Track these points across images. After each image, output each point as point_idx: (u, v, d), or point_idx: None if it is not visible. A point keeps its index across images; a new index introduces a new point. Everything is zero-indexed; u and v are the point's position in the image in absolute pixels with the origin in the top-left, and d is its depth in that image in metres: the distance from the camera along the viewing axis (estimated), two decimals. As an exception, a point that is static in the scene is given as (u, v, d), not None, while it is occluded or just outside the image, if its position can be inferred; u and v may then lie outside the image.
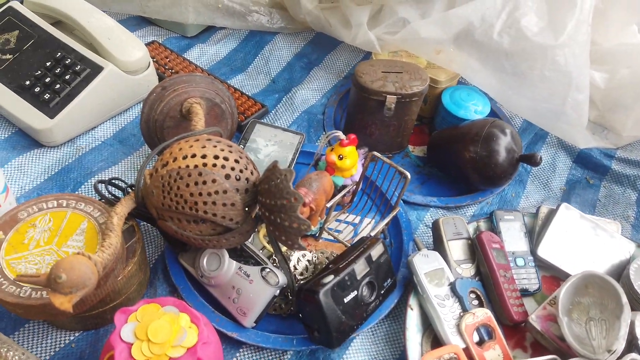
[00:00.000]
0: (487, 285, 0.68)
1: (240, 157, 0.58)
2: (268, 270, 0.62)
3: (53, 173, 0.78)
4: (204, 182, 0.54)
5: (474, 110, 0.87)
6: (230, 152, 0.58)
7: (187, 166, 0.55)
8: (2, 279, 0.53)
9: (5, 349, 0.55)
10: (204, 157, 0.56)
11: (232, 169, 0.57)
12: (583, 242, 0.74)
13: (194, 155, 0.56)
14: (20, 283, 0.52)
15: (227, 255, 0.63)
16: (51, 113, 0.79)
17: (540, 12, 0.83)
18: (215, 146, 0.58)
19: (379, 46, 0.92)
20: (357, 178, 0.75)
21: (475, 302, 0.66)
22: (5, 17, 0.88)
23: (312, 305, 0.57)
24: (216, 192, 0.55)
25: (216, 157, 0.56)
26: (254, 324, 0.62)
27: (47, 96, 0.80)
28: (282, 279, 0.62)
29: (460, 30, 0.85)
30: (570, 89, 0.84)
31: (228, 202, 0.55)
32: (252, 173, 0.59)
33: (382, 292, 0.64)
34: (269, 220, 0.55)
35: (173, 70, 0.96)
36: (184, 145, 0.58)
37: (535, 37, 0.83)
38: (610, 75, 0.96)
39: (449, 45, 0.87)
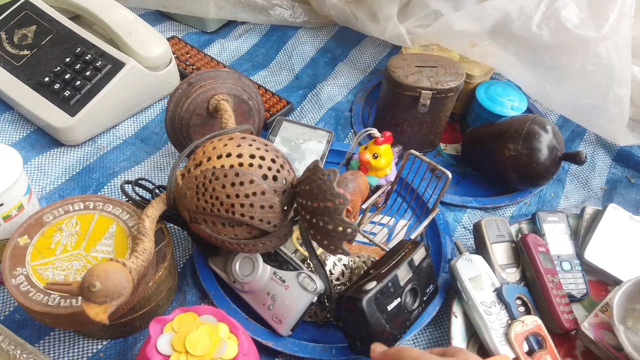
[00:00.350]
0: (534, 291, 0.64)
1: (277, 157, 0.55)
2: (305, 275, 0.59)
3: (74, 173, 0.75)
4: (241, 183, 0.51)
5: (511, 106, 0.83)
6: (267, 151, 0.54)
7: (223, 166, 0.52)
8: (29, 287, 0.50)
9: (31, 360, 0.52)
10: (239, 156, 0.53)
11: (269, 168, 0.53)
12: (633, 245, 0.70)
13: (229, 155, 0.53)
14: (48, 291, 0.49)
15: (261, 260, 0.60)
16: (72, 111, 0.76)
17: (580, 3, 0.79)
18: (250, 145, 0.54)
19: (409, 40, 0.88)
20: (391, 178, 0.72)
21: (522, 308, 0.63)
22: (22, 11, 0.85)
23: (354, 314, 0.54)
24: (254, 194, 0.51)
25: (252, 157, 0.53)
26: (290, 332, 0.59)
27: (67, 93, 0.76)
28: (319, 284, 0.59)
29: (497, 22, 0.81)
30: (612, 84, 0.80)
31: (266, 205, 0.52)
32: (289, 173, 0.55)
33: (425, 298, 0.61)
34: (310, 223, 0.52)
35: (194, 67, 0.93)
36: (217, 143, 0.54)
37: (576, 29, 0.79)
38: (649, 69, 0.92)
39: (484, 38, 0.83)
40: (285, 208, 0.55)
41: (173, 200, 0.56)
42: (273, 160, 0.54)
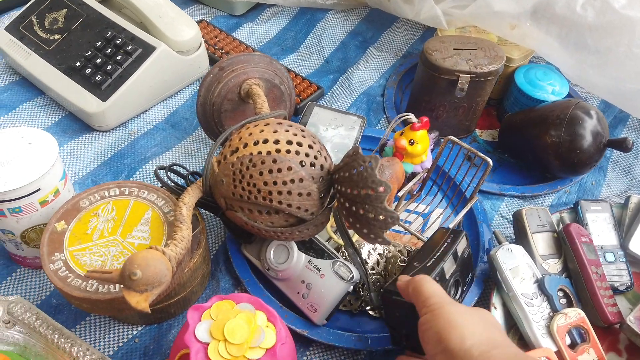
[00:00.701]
0: (577, 282, 0.62)
1: (314, 142, 0.54)
2: (340, 264, 0.58)
3: (106, 158, 0.75)
4: (279, 170, 0.50)
5: (551, 90, 0.80)
6: (304, 137, 0.53)
7: (260, 152, 0.51)
8: (67, 272, 0.49)
9: (69, 344, 0.52)
10: (276, 142, 0.51)
11: (307, 155, 0.52)
12: (681, 236, 0.67)
13: (266, 141, 0.51)
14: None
15: (296, 248, 0.59)
16: (103, 96, 0.75)
17: (629, -18, 0.75)
18: (287, 130, 0.53)
19: (445, 22, 0.85)
20: (427, 165, 0.70)
21: (564, 300, 0.61)
22: (52, -5, 0.85)
23: (404, 310, 0.51)
24: (292, 181, 0.50)
25: (289, 143, 0.52)
26: (325, 321, 0.58)
27: (98, 78, 0.76)
28: (355, 273, 0.57)
29: (539, 2, 0.78)
30: (659, 67, 0.76)
31: (304, 192, 0.51)
32: (325, 159, 0.54)
33: (464, 288, 0.59)
34: (349, 211, 0.51)
35: (223, 51, 0.92)
36: (253, 130, 0.53)
37: (623, 9, 0.75)
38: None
39: (525, 19, 0.79)
40: (323, 195, 0.54)
41: (209, 187, 0.55)
42: (310, 147, 0.53)
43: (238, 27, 1.00)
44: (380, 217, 0.48)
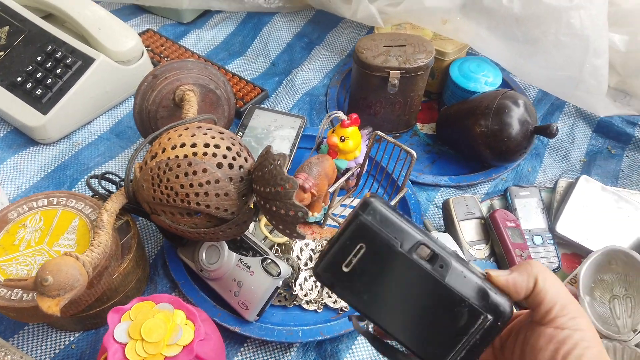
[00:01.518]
0: (503, 266, 0.64)
1: (233, 144, 0.55)
2: (269, 260, 0.59)
3: (49, 171, 0.76)
4: (194, 172, 0.52)
5: (485, 82, 0.82)
6: (222, 139, 0.55)
7: (177, 156, 0.52)
8: (-8, 283, 0.51)
9: (2, 353, 0.53)
10: (193, 146, 0.53)
11: (224, 156, 0.53)
12: (605, 216, 0.69)
13: (183, 145, 0.53)
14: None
15: (226, 247, 0.61)
16: (44, 109, 0.77)
17: (551, -28, 0.78)
18: (205, 134, 0.54)
19: (381, 19, 0.87)
20: (361, 160, 0.72)
21: (491, 284, 0.63)
22: (-6, 13, 0.86)
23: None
24: (207, 182, 0.52)
25: (206, 146, 0.53)
26: (257, 317, 0.60)
27: (39, 92, 0.77)
28: (284, 269, 0.59)
29: (467, -3, 0.80)
30: (587, 54, 0.79)
31: (221, 192, 0.52)
32: (246, 160, 0.56)
33: None
34: (265, 208, 0.52)
35: (169, 59, 0.93)
36: (173, 135, 0.55)
37: (548, 0, 0.77)
38: (631, 37, 0.89)
39: (456, 14, 0.82)
40: (244, 195, 0.55)
41: (132, 193, 0.57)
42: (228, 148, 0.54)
43: (186, 34, 1.02)
44: (290, 212, 0.50)
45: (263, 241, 0.66)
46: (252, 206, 0.59)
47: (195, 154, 0.53)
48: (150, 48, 0.95)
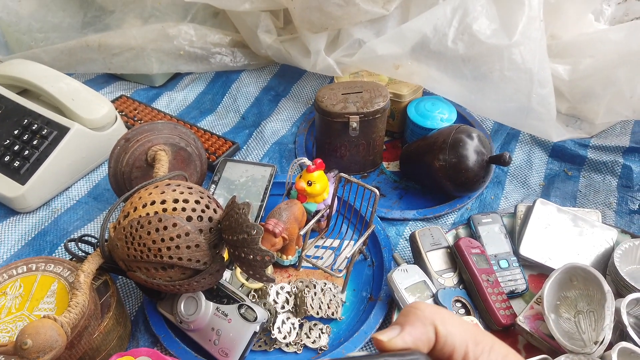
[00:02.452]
0: (472, 292, 0.67)
1: (202, 197, 0.58)
2: (246, 306, 0.62)
3: (30, 238, 0.78)
4: (165, 227, 0.54)
5: (441, 118, 0.87)
6: (190, 193, 0.58)
7: (147, 214, 0.55)
8: (-27, 352, 0.52)
9: None
10: (163, 202, 0.56)
11: (193, 210, 0.57)
12: (564, 236, 0.73)
13: (153, 202, 0.56)
14: (-9, 354, 0.52)
15: (203, 298, 0.63)
16: (22, 179, 0.80)
17: (490, 15, 0.84)
18: (174, 190, 0.58)
19: (339, 69, 0.93)
20: (329, 202, 0.75)
21: (462, 311, 0.65)
22: (-29, 92, 0.90)
23: None
24: (178, 236, 0.54)
25: (176, 201, 0.56)
26: (238, 364, 0.61)
27: (16, 164, 0.81)
28: (260, 314, 0.61)
29: (416, 43, 0.86)
30: (533, 85, 0.84)
31: (192, 244, 0.55)
32: (215, 212, 0.59)
33: None
34: (235, 256, 0.55)
35: (142, 121, 0.98)
36: (143, 193, 0.58)
37: (489, 40, 0.83)
38: (573, 66, 0.96)
39: (406, 59, 0.88)
40: (216, 244, 0.58)
41: (108, 252, 0.59)
42: (197, 202, 0.57)
43: (158, 97, 1.07)
44: (258, 257, 0.52)
45: (240, 288, 0.69)
46: (225, 255, 0.62)
47: (165, 209, 0.56)
48: (124, 112, 0.99)
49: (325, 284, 0.69)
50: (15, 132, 0.84)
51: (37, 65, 0.92)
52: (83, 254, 0.65)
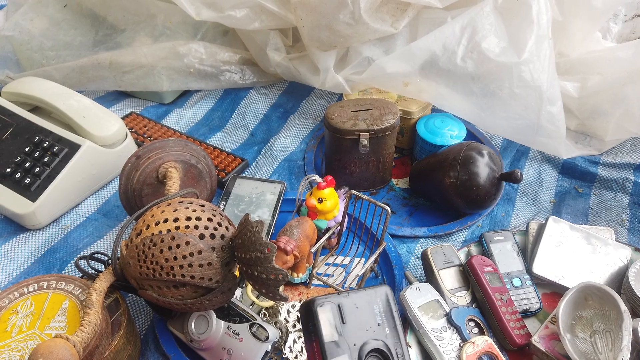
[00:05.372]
0: (485, 311, 0.66)
1: (214, 215, 0.58)
2: (257, 325, 0.61)
3: (39, 255, 0.78)
4: (178, 246, 0.54)
5: (450, 135, 0.87)
6: (203, 211, 0.58)
7: (160, 232, 0.55)
8: (-16, 372, 0.52)
9: None
10: (175, 220, 0.56)
11: (206, 227, 0.56)
12: (577, 254, 0.72)
13: (165, 220, 0.56)
14: (1, 374, 0.51)
15: (214, 316, 0.62)
16: (33, 196, 0.80)
17: (499, 33, 0.85)
18: (187, 208, 0.58)
19: (348, 87, 0.94)
20: (340, 219, 0.75)
21: (475, 330, 0.64)
22: (-17, 110, 0.91)
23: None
24: (191, 254, 0.54)
25: (188, 219, 0.56)
26: (250, 384, 0.60)
27: (27, 180, 0.81)
28: (272, 333, 0.61)
29: (425, 61, 0.87)
30: (542, 103, 0.85)
31: (205, 262, 0.55)
32: (227, 229, 0.58)
33: None
34: (247, 274, 0.55)
35: (152, 138, 0.98)
36: (156, 211, 0.58)
37: (498, 58, 0.84)
38: (582, 83, 0.97)
39: (415, 76, 0.88)
40: (228, 262, 0.58)
41: (120, 270, 0.59)
42: (209, 219, 0.57)
43: (167, 114, 1.07)
44: (271, 276, 0.52)
45: (251, 306, 0.68)
46: (237, 273, 0.62)
47: (177, 227, 0.55)
48: (134, 129, 1.00)
49: (337, 302, 0.68)
50: (27, 149, 0.85)
51: (48, 83, 0.93)
52: (94, 271, 0.64)
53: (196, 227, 0.56)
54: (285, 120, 1.05)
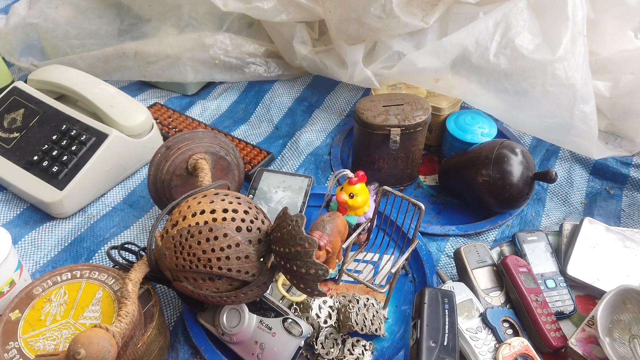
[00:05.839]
0: (520, 312, 0.65)
1: (250, 208, 0.58)
2: (290, 320, 0.60)
3: (66, 244, 0.78)
4: (216, 238, 0.53)
5: (481, 133, 0.86)
6: (239, 203, 0.57)
7: (197, 223, 0.55)
8: (21, 359, 0.51)
9: None
10: (213, 212, 0.55)
11: (243, 220, 0.56)
12: (613, 256, 0.71)
13: (202, 212, 0.55)
14: (38, 362, 0.51)
15: (247, 310, 0.61)
16: (60, 185, 0.79)
17: (533, 30, 0.84)
18: (223, 200, 0.57)
19: (376, 81, 0.93)
20: (370, 215, 0.74)
21: (510, 331, 0.63)
22: (10, 97, 0.90)
23: None
24: (229, 247, 0.54)
25: (225, 211, 0.56)
26: (281, 380, 0.60)
27: (55, 169, 0.80)
28: (305, 328, 0.60)
29: (457, 56, 0.86)
30: (575, 101, 0.83)
31: (242, 255, 0.54)
32: (263, 222, 0.58)
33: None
34: (285, 268, 0.54)
35: (177, 129, 0.97)
36: (192, 202, 0.57)
37: (532, 55, 0.82)
38: (613, 83, 0.95)
39: (446, 72, 0.87)
40: (263, 256, 0.57)
41: (155, 261, 0.58)
42: (246, 212, 0.57)
43: (191, 105, 1.06)
44: (311, 271, 0.51)
45: (281, 301, 0.67)
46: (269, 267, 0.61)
47: (215, 219, 0.55)
48: (159, 120, 0.99)
49: (368, 299, 0.67)
50: (54, 137, 0.84)
51: (74, 71, 0.92)
52: (125, 261, 0.64)
53: (233, 219, 0.55)
54: (310, 114, 1.04)
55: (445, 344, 0.57)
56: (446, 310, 0.60)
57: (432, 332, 0.58)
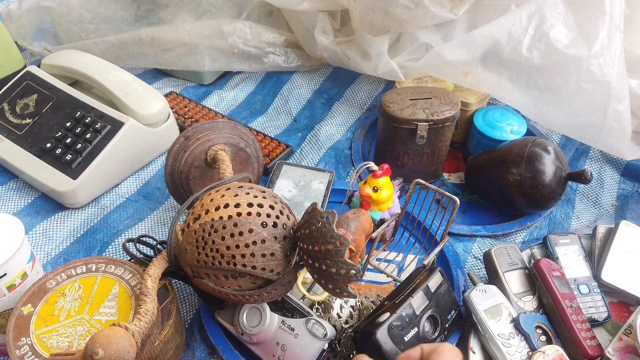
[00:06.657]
0: (553, 318, 0.62)
1: (275, 203, 0.55)
2: (314, 321, 0.57)
3: (79, 235, 0.75)
4: (240, 233, 0.51)
5: (510, 130, 0.82)
6: (264, 197, 0.54)
7: (221, 217, 0.52)
8: (33, 356, 0.49)
9: None
10: (237, 206, 0.52)
11: (268, 215, 0.53)
12: (651, 262, 0.67)
13: (227, 206, 0.52)
14: (52, 360, 0.48)
15: (268, 309, 0.59)
16: (74, 174, 0.77)
17: (568, 24, 0.80)
18: (248, 193, 0.54)
19: (402, 74, 0.89)
20: (395, 210, 0.71)
21: (543, 337, 0.60)
22: (23, 81, 0.88)
23: (371, 348, 0.52)
24: (254, 243, 0.51)
25: (250, 205, 0.53)
26: (303, 383, 0.57)
27: (68, 157, 0.78)
28: (329, 330, 0.57)
29: (487, 49, 0.82)
30: (609, 100, 0.80)
31: (267, 252, 0.51)
32: (288, 218, 0.55)
33: (447, 325, 0.59)
34: (313, 267, 0.51)
35: (193, 119, 0.95)
36: (215, 195, 0.54)
37: (567, 50, 0.79)
38: (646, 81, 0.91)
39: (476, 66, 0.83)
40: (288, 254, 0.54)
41: (174, 256, 0.55)
42: (271, 207, 0.54)
43: (207, 95, 1.04)
44: (342, 271, 0.48)
45: (301, 300, 0.64)
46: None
47: (239, 214, 0.52)
48: (175, 110, 0.96)
49: (393, 300, 0.65)
50: (68, 124, 0.81)
51: (89, 56, 0.89)
52: (141, 255, 0.61)
53: (258, 214, 0.52)
54: (329, 107, 1.01)
55: None
56: None
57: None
